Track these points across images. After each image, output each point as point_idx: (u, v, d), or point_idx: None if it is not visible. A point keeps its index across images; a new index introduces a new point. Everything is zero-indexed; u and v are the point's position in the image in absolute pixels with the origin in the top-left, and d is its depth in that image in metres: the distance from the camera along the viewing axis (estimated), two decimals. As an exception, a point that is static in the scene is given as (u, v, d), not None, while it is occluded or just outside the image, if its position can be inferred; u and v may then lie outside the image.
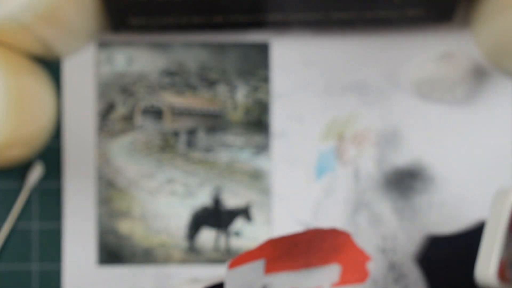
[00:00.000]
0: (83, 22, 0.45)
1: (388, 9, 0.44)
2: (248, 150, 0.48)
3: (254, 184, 0.48)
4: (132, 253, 0.48)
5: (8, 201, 0.48)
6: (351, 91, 0.49)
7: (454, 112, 0.48)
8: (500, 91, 0.48)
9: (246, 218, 0.48)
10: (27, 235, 0.48)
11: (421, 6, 0.43)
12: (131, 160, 0.48)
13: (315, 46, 0.48)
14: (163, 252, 0.48)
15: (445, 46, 0.48)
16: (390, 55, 0.48)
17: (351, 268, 0.38)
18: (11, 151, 0.44)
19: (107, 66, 0.48)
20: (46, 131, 0.47)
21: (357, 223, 0.48)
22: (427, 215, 0.48)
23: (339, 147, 0.48)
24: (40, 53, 0.47)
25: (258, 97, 0.48)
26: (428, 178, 0.48)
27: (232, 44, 0.49)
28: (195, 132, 0.48)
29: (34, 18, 0.39)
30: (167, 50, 0.48)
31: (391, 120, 0.48)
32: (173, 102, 0.48)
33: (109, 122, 0.48)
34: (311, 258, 0.37)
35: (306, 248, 0.36)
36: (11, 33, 0.41)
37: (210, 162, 0.48)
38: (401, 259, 0.48)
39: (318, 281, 0.38)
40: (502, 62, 0.46)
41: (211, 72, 0.49)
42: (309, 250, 0.36)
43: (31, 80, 0.45)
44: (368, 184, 0.48)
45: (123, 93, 0.48)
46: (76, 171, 0.48)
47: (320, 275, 0.37)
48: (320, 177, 0.48)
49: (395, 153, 0.48)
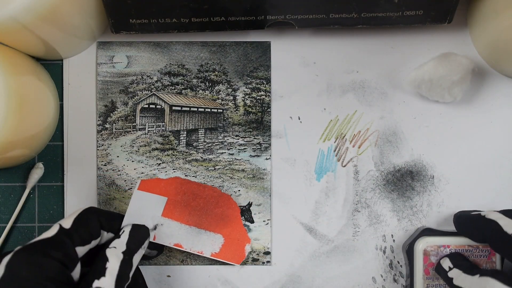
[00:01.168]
0: (83, 23, 0.45)
1: (388, 10, 0.44)
2: (248, 150, 0.48)
3: (254, 184, 0.48)
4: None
5: (10, 200, 0.49)
6: (351, 91, 0.49)
7: (454, 112, 0.48)
8: (499, 91, 0.48)
9: (247, 218, 0.48)
10: (28, 234, 0.49)
11: (420, 7, 0.43)
12: (131, 160, 0.48)
13: (315, 46, 0.49)
14: (163, 252, 0.48)
15: (444, 46, 0.48)
16: (390, 55, 0.48)
17: (231, 245, 0.43)
18: (12, 151, 0.44)
19: (107, 66, 0.48)
20: (47, 131, 0.47)
21: (357, 223, 0.48)
22: (427, 215, 0.48)
23: (339, 147, 0.48)
24: (41, 53, 0.47)
25: (258, 97, 0.48)
26: (428, 178, 0.48)
27: (232, 44, 0.49)
28: (195, 132, 0.48)
29: (35, 19, 0.39)
30: (167, 50, 0.49)
31: (391, 120, 0.48)
32: (173, 102, 0.48)
33: (109, 122, 0.48)
34: (203, 218, 0.42)
35: (202, 205, 0.42)
36: (12, 33, 0.41)
37: (210, 162, 0.48)
38: (401, 259, 0.48)
39: (201, 246, 0.43)
40: (499, 62, 0.46)
41: (211, 72, 0.49)
42: (203, 209, 0.42)
43: (33, 81, 0.45)
44: (368, 184, 0.48)
45: (123, 93, 0.48)
46: (77, 171, 0.48)
47: (204, 240, 0.42)
48: (320, 177, 0.48)
49: (395, 153, 0.48)
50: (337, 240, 0.48)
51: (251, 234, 0.48)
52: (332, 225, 0.48)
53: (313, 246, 0.48)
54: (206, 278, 0.48)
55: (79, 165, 0.48)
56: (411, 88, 0.47)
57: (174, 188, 0.41)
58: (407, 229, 0.48)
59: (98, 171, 0.48)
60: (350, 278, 0.48)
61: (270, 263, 0.48)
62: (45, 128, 0.47)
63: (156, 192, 0.41)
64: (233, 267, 0.48)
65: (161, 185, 0.41)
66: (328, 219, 0.48)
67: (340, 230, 0.48)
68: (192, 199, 0.41)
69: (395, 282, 0.48)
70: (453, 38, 0.48)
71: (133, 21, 0.45)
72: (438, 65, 0.45)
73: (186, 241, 0.42)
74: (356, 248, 0.48)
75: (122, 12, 0.44)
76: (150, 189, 0.41)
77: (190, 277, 0.48)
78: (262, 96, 0.48)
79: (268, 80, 0.48)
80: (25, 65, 0.45)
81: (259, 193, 0.48)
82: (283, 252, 0.48)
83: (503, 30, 0.42)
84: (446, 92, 0.46)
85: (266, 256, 0.48)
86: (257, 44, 0.48)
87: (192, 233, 0.42)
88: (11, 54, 0.43)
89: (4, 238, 0.48)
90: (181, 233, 0.42)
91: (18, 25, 0.39)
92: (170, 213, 0.41)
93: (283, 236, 0.48)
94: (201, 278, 0.48)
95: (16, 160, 0.47)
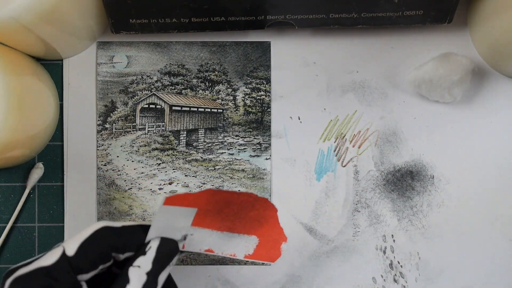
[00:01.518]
0: (83, 23, 0.45)
1: (388, 10, 0.44)
2: (248, 150, 0.48)
3: (254, 184, 0.48)
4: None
5: (10, 200, 0.49)
6: (351, 91, 0.49)
7: (454, 112, 0.48)
8: (499, 91, 0.48)
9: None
10: (28, 234, 0.49)
11: (420, 7, 0.43)
12: (131, 160, 0.48)
13: (315, 46, 0.48)
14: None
15: (444, 46, 0.48)
16: (390, 55, 0.48)
17: (267, 244, 0.39)
18: (12, 151, 0.44)
19: (107, 66, 0.48)
20: (47, 131, 0.47)
21: (357, 223, 0.48)
22: (427, 215, 0.48)
23: (339, 147, 0.48)
24: (41, 53, 0.47)
25: (258, 97, 0.48)
26: (428, 178, 0.48)
27: (232, 44, 0.49)
28: (195, 132, 0.48)
29: (35, 19, 0.39)
30: (167, 50, 0.49)
31: (391, 120, 0.48)
32: (173, 102, 0.48)
33: (109, 122, 0.48)
34: (236, 223, 0.38)
35: (236, 210, 0.37)
36: (12, 33, 0.41)
37: (210, 162, 0.48)
38: (401, 259, 0.48)
39: (234, 249, 0.39)
40: (499, 62, 0.46)
41: (211, 72, 0.49)
42: (237, 214, 0.37)
43: (33, 81, 0.45)
44: (368, 184, 0.48)
45: (123, 93, 0.48)
46: (77, 171, 0.48)
47: (237, 243, 0.38)
48: (320, 177, 0.48)
49: (395, 153, 0.48)
50: (337, 240, 0.48)
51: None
52: (332, 225, 0.48)
53: (313, 246, 0.48)
54: (206, 278, 0.48)
55: (79, 165, 0.48)
56: (411, 88, 0.47)
57: (205, 199, 0.36)
58: (407, 229, 0.48)
59: (98, 171, 0.48)
60: (350, 278, 0.48)
61: (270, 263, 0.48)
62: (45, 128, 0.47)
63: (185, 205, 0.36)
64: (233, 267, 0.48)
65: (189, 199, 0.36)
66: (328, 219, 0.48)
67: (340, 230, 0.48)
68: (225, 207, 0.37)
69: (395, 282, 0.48)
70: (453, 38, 0.48)
71: (133, 21, 0.45)
72: (438, 65, 0.45)
73: (218, 246, 0.38)
74: (356, 248, 0.48)
75: (122, 12, 0.44)
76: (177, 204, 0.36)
77: (190, 277, 0.48)
78: (262, 96, 0.48)
79: (268, 80, 0.48)
80: (25, 65, 0.45)
81: (259, 193, 0.48)
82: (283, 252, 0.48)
83: (503, 30, 0.42)
84: (446, 92, 0.46)
85: (266, 256, 0.48)
86: (257, 44, 0.48)
87: (225, 238, 0.38)
88: (11, 54, 0.43)
89: (4, 238, 0.48)
90: (212, 239, 0.38)
91: (18, 25, 0.39)
92: (201, 222, 0.37)
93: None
94: (201, 278, 0.48)
95: (16, 160, 0.47)
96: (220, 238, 0.38)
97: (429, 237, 0.48)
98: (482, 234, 0.48)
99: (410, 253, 0.48)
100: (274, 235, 0.39)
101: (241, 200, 0.37)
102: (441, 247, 0.48)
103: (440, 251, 0.48)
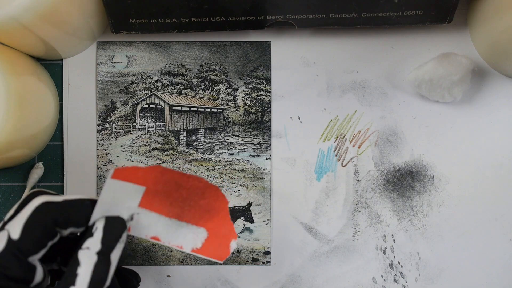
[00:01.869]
0: (83, 23, 0.45)
1: (388, 10, 0.44)
2: (248, 150, 0.48)
3: (254, 184, 0.48)
4: (132, 253, 0.48)
5: (10, 200, 0.49)
6: (351, 91, 0.49)
7: (454, 112, 0.48)
8: (499, 91, 0.48)
9: (247, 218, 0.48)
10: (28, 234, 0.49)
11: (420, 7, 0.43)
12: (131, 160, 0.48)
13: (315, 46, 0.49)
14: (163, 252, 0.48)
15: (444, 46, 0.48)
16: (390, 55, 0.48)
17: (216, 240, 0.37)
18: (12, 151, 0.44)
19: (107, 66, 0.48)
20: (47, 131, 0.47)
21: (357, 223, 0.48)
22: (427, 215, 0.48)
23: (339, 147, 0.48)
24: (41, 53, 0.47)
25: (258, 97, 0.48)
26: (428, 178, 0.48)
27: (232, 44, 0.49)
28: (195, 132, 0.48)
29: (35, 19, 0.39)
30: (167, 50, 0.49)
31: (391, 120, 0.48)
32: (173, 102, 0.48)
33: (109, 122, 0.48)
34: (185, 210, 0.37)
35: (185, 195, 0.36)
36: (12, 33, 0.41)
37: (210, 162, 0.48)
38: (401, 259, 0.48)
39: (182, 240, 0.37)
40: (499, 62, 0.46)
41: (211, 72, 0.49)
42: (186, 200, 0.36)
43: (33, 81, 0.45)
44: (368, 184, 0.48)
45: (123, 93, 0.48)
46: (77, 171, 0.48)
47: (185, 234, 0.37)
48: (320, 177, 0.48)
49: (395, 153, 0.48)
50: (337, 240, 0.48)
51: (251, 234, 0.48)
52: (332, 225, 0.48)
53: (313, 246, 0.48)
54: (206, 278, 0.48)
55: (79, 165, 0.48)
56: (411, 88, 0.47)
57: (154, 177, 0.36)
58: (407, 229, 0.48)
59: (98, 171, 0.48)
60: (350, 278, 0.48)
61: (270, 263, 0.48)
62: (45, 128, 0.47)
63: (133, 182, 0.36)
64: (233, 267, 0.48)
65: (138, 174, 0.35)
66: (328, 219, 0.48)
67: (340, 230, 0.48)
68: (174, 190, 0.36)
69: (395, 282, 0.48)
70: (453, 38, 0.48)
71: (133, 21, 0.45)
72: (438, 65, 0.45)
73: (165, 234, 0.37)
74: (356, 248, 0.48)
75: (122, 12, 0.44)
76: (125, 178, 0.35)
77: (190, 277, 0.48)
78: (262, 96, 0.48)
79: (268, 80, 0.48)
80: (25, 65, 0.45)
81: (259, 193, 0.48)
82: (283, 252, 0.48)
83: (503, 30, 0.42)
84: (446, 92, 0.46)
85: (266, 256, 0.48)
86: (257, 44, 0.48)
87: (172, 225, 0.37)
88: (11, 54, 0.43)
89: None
90: (159, 225, 0.37)
91: (18, 25, 0.39)
92: (149, 204, 0.36)
93: (283, 236, 0.48)
94: (201, 278, 0.48)
95: (16, 160, 0.47)
96: (167, 225, 0.37)
97: (429, 237, 0.48)
98: (482, 234, 0.48)
99: (410, 253, 0.48)
100: (224, 230, 0.37)
101: (191, 185, 0.36)
102: (441, 247, 0.48)
103: (440, 251, 0.48)
